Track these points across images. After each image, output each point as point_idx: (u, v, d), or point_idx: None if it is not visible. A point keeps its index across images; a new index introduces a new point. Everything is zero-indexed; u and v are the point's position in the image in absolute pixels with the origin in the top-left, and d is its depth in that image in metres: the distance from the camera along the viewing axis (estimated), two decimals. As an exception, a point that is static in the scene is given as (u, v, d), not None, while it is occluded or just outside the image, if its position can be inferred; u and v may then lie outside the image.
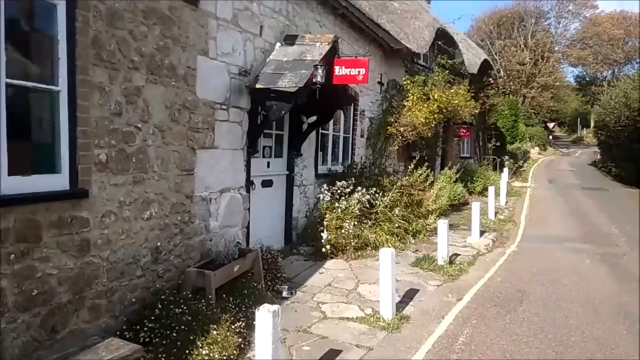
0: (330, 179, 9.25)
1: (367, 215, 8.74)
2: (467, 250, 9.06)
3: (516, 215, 13.43)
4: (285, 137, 8.16)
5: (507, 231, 11.28)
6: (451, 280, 7.23)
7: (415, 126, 11.98)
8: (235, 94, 6.47)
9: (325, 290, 6.52)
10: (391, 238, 8.80)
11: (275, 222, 8.03)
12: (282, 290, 6.26)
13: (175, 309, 4.73)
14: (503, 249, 9.40)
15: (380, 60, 12.16)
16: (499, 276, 7.47)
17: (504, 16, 50.51)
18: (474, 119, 19.95)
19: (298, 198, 8.45)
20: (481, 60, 18.18)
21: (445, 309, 6.01)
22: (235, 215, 6.63)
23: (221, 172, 6.27)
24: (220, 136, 6.21)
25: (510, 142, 24.50)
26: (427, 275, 7.41)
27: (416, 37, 12.63)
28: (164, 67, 5.14)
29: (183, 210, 5.57)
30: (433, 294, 6.63)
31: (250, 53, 6.75)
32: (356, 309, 5.94)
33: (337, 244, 7.95)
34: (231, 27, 6.30)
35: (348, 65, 7.13)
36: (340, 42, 9.37)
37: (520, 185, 21.19)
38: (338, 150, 10.25)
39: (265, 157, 7.71)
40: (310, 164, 8.84)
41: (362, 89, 11.06)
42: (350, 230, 7.90)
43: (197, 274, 5.12)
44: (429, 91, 12.79)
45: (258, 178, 7.44)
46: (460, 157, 19.10)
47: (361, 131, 11.24)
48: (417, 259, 8.03)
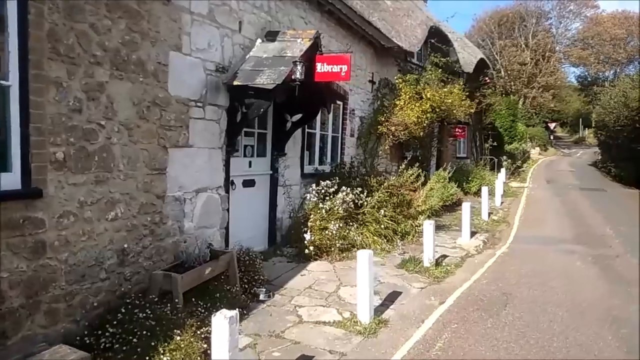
0: (317, 178, 9.06)
1: (353, 216, 8.56)
2: (456, 252, 8.86)
3: (510, 215, 13.23)
4: (268, 136, 7.98)
5: (500, 232, 11.07)
6: (436, 282, 7.04)
7: (407, 125, 11.81)
8: (212, 91, 6.29)
9: (304, 293, 6.33)
10: (378, 239, 8.61)
11: (258, 223, 7.85)
12: (259, 293, 6.07)
13: (140, 313, 4.55)
14: (493, 251, 9.20)
15: (372, 59, 11.97)
16: (485, 278, 7.27)
17: (505, 16, 50.24)
18: (470, 119, 19.73)
19: (282, 198, 8.26)
20: (477, 59, 17.96)
21: (426, 313, 5.81)
22: (213, 215, 6.45)
23: (197, 172, 6.09)
24: (196, 134, 6.04)
25: (509, 142, 24.24)
26: (412, 277, 7.21)
27: (408, 35, 12.44)
28: (130, 63, 4.96)
29: (154, 211, 5.40)
30: (416, 296, 6.43)
31: (228, 49, 6.57)
32: (334, 312, 5.75)
33: (322, 246, 7.76)
34: (207, 22, 6.12)
35: (330, 62, 6.94)
36: (327, 40, 9.24)
37: (517, 185, 20.95)
38: (326, 149, 10.06)
39: (247, 157, 7.53)
40: (295, 164, 8.66)
41: (352, 88, 10.89)
42: (334, 231, 7.70)
43: (164, 277, 4.94)
44: (421, 90, 12.60)
45: (239, 178, 7.26)
46: (457, 157, 18.88)
47: (351, 130, 11.05)
48: (402, 261, 7.83)
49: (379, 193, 8.83)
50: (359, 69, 11.21)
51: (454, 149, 18.67)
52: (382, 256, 8.23)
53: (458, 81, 14.81)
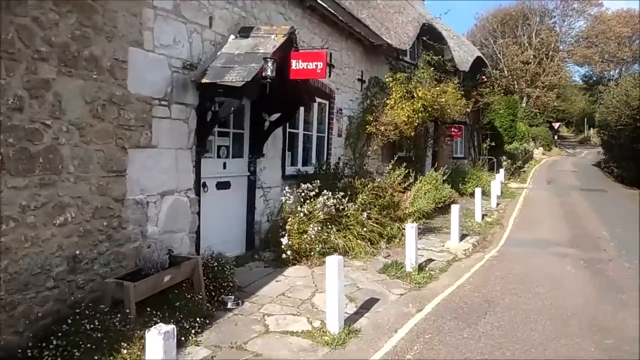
0: (300, 180, 8.78)
1: (336, 219, 8.26)
2: (442, 256, 8.55)
3: (505, 217, 12.89)
4: (245, 136, 7.71)
5: (492, 235, 10.75)
6: (417, 288, 6.74)
7: (397, 125, 11.50)
8: (179, 89, 6.02)
9: (276, 300, 6.05)
10: (362, 243, 8.32)
11: (234, 227, 7.57)
12: (227, 301, 5.79)
13: (88, 324, 4.29)
14: (482, 254, 8.88)
15: (361, 57, 11.67)
16: (469, 284, 6.96)
17: (508, 14, 49.76)
18: (467, 119, 19.40)
19: (261, 201, 7.98)
20: (474, 57, 17.62)
21: (401, 321, 5.52)
22: (181, 219, 6.18)
23: (162, 174, 5.82)
24: (160, 134, 5.76)
25: (508, 142, 23.84)
26: (392, 283, 6.92)
27: (398, 33, 12.14)
28: (82, 59, 4.69)
29: (111, 215, 5.13)
30: (393, 304, 6.14)
31: (197, 45, 6.30)
32: (304, 321, 5.46)
33: (300, 250, 7.47)
34: (172, 17, 5.86)
35: (306, 59, 6.66)
36: (310, 37, 8.97)
37: (517, 186, 20.59)
38: (310, 150, 9.77)
39: (221, 158, 7.26)
40: (276, 165, 8.38)
41: (339, 87, 10.61)
42: (312, 235, 7.41)
43: (116, 285, 4.67)
44: (412, 89, 12.28)
45: (212, 179, 6.99)
46: (453, 157, 18.54)
47: (339, 130, 10.76)
48: (384, 265, 7.54)
49: (363, 195, 8.53)
50: (346, 67, 10.92)
51: (450, 149, 18.33)
52: (365, 260, 7.95)
53: (452, 80, 14.47)
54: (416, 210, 9.81)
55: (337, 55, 10.38)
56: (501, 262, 8.24)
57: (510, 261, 8.30)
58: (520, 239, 10.24)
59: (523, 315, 5.70)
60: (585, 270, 7.70)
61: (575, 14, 50.63)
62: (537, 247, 9.32)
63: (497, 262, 8.29)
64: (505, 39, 47.81)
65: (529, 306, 6.01)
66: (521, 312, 5.78)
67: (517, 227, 11.61)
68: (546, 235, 10.43)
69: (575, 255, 8.68)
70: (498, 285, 6.88)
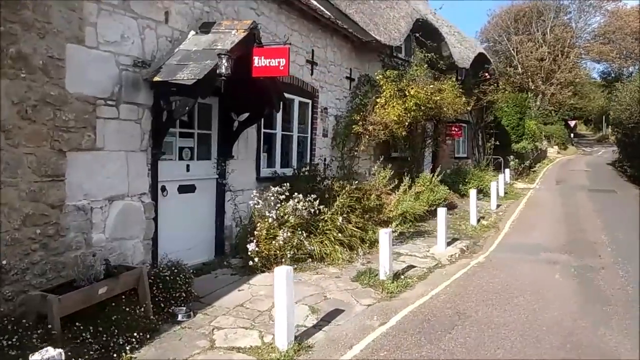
0: (277, 183, 8.42)
1: (312, 224, 7.90)
2: (425, 262, 8.12)
3: (503, 220, 12.36)
4: (213, 137, 7.38)
5: (485, 239, 10.26)
6: (387, 298, 6.33)
7: (387, 125, 11.06)
8: (129, 88, 5.71)
9: (233, 311, 5.70)
10: (339, 248, 7.93)
11: (201, 232, 7.24)
12: (177, 312, 5.45)
13: (7, 340, 3.99)
14: (468, 260, 8.41)
15: (349, 54, 11.27)
16: (445, 294, 6.52)
17: (522, 11, 48.72)
18: (470, 117, 18.86)
19: (232, 204, 7.63)
20: (476, 53, 17.05)
21: (360, 336, 5.12)
22: (133, 226, 5.87)
23: (109, 178, 5.52)
24: (107, 136, 5.47)
25: (516, 141, 23.13)
26: (363, 292, 6.52)
27: (389, 29, 11.69)
28: (7, 57, 4.40)
29: (46, 223, 4.84)
30: (357, 316, 5.74)
31: (151, 42, 5.99)
32: (255, 335, 5.10)
33: (270, 256, 7.11)
34: (120, 12, 5.55)
35: (268, 56, 6.29)
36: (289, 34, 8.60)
37: (523, 186, 19.97)
38: (291, 151, 9.39)
39: (184, 160, 6.94)
40: (248, 167, 8.03)
41: (324, 85, 10.23)
42: (281, 241, 7.04)
43: (41, 298, 4.36)
44: (405, 86, 11.83)
45: (173, 183, 6.67)
46: (455, 157, 17.99)
47: (324, 130, 10.38)
48: (358, 273, 7.14)
49: (340, 198, 8.14)
50: (332, 65, 10.53)
51: (451, 148, 17.78)
52: (341, 267, 7.56)
53: (450, 77, 13.96)
54: (401, 213, 9.35)
55: (321, 52, 10.00)
56: (486, 269, 7.77)
57: (495, 268, 7.83)
58: (513, 243, 9.74)
59: (493, 330, 5.26)
60: (573, 279, 7.20)
61: (592, 9, 49.32)
62: (529, 252, 8.82)
63: (482, 269, 7.83)
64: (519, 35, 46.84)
65: (502, 319, 5.56)
66: (492, 327, 5.34)
67: (513, 230, 11.10)
68: (541, 240, 9.91)
69: (567, 262, 8.17)
70: (475, 295, 6.44)
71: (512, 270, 7.72)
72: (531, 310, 5.87)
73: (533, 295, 6.43)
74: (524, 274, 7.48)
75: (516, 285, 6.93)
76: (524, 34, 47.31)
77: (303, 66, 9.35)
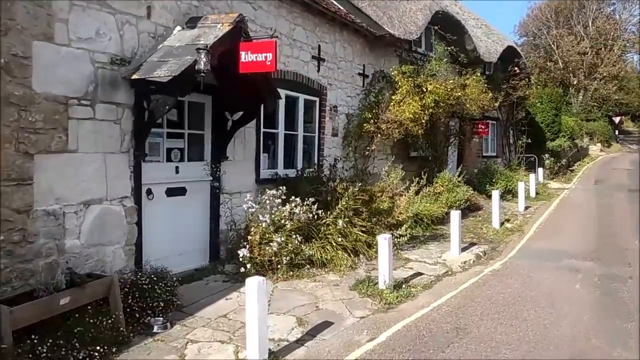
0: (279, 185, 8.07)
1: (313, 228, 7.50)
2: (434, 269, 7.58)
3: (530, 223, 11.61)
4: (207, 137, 7.08)
5: (506, 243, 9.59)
6: (384, 310, 5.86)
7: (401, 123, 10.54)
8: (106, 87, 5.46)
9: (214, 322, 5.37)
10: (342, 254, 7.49)
11: (193, 237, 6.94)
12: (153, 324, 5.15)
13: (-46, 354, 3.77)
14: (483, 267, 7.82)
15: (362, 49, 10.80)
16: (448, 305, 6.00)
17: (562, 3, 46.78)
18: (500, 113, 18.02)
19: (228, 207, 7.30)
20: (504, 47, 16.22)
21: (342, 354, 4.69)
22: (113, 231, 5.62)
23: (85, 181, 5.28)
24: (82, 138, 5.23)
25: (551, 138, 21.99)
26: (359, 303, 6.07)
27: (405, 22, 11.15)
28: (-39, 55, 4.19)
29: (11, 229, 4.62)
30: (347, 329, 5.30)
31: (131, 38, 5.73)
32: (230, 351, 4.75)
33: (264, 262, 6.76)
34: (94, 7, 5.30)
35: (255, 50, 5.93)
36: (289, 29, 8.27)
37: (558, 186, 18.95)
38: (296, 152, 9.00)
39: (174, 161, 6.65)
40: (246, 168, 7.70)
41: (333, 82, 9.82)
42: (275, 247, 6.67)
43: (-7, 310, 4.11)
44: (423, 82, 11.27)
45: (160, 186, 6.39)
46: (482, 156, 17.19)
47: (333, 130, 9.95)
48: (357, 281, 6.69)
49: (342, 201, 7.69)
50: (342, 61, 10.09)
51: (479, 147, 17.00)
52: (342, 274, 7.13)
53: (475, 72, 13.26)
54: (411, 216, 8.82)
55: (329, 47, 9.58)
56: (499, 278, 7.18)
57: (510, 277, 7.22)
58: (536, 249, 9.06)
59: (492, 349, 4.72)
60: (595, 290, 6.53)
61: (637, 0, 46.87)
62: (551, 259, 8.14)
63: (495, 277, 7.23)
64: (559, 29, 44.98)
65: (506, 337, 5.01)
66: (492, 345, 4.80)
67: (538, 234, 10.37)
68: (567, 245, 9.18)
69: (592, 270, 7.48)
70: (481, 308, 5.89)
71: (528, 279, 7.11)
72: (541, 326, 5.29)
73: (546, 309, 5.83)
74: (540, 284, 6.85)
75: (530, 296, 6.33)
76: (565, 27, 45.41)
77: (308, 62, 8.95)
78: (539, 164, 20.34)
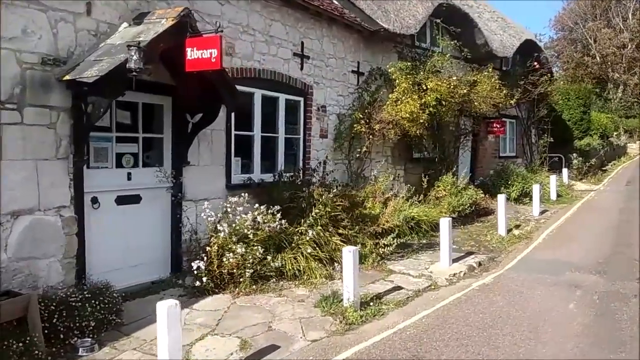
0: (254, 190, 7.61)
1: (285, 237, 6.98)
2: (417, 283, 6.93)
3: (541, 229, 10.73)
4: (166, 141, 6.65)
5: (508, 253, 8.81)
6: (341, 332, 5.27)
7: (397, 123, 9.89)
8: (36, 89, 5.08)
9: (147, 345, 4.89)
10: (316, 265, 6.95)
11: (150, 247, 6.50)
12: (80, 346, 4.72)
13: None
14: (473, 281, 7.11)
15: (356, 45, 10.20)
16: (416, 327, 5.36)
17: (600, -6, 44.63)
18: (519, 111, 17.03)
19: (193, 216, 6.86)
20: (521, 41, 15.24)
21: (273, 387, 4.14)
22: (47, 243, 5.24)
23: (11, 190, 4.92)
24: (7, 144, 4.86)
25: (579, 137, 20.70)
26: (318, 322, 5.51)
27: (402, 15, 10.47)
28: None
29: None
30: (292, 355, 4.75)
31: (67, 37, 5.34)
32: (149, 380, 4.27)
33: (223, 275, 6.28)
34: (21, 3, 4.94)
35: (201, 47, 5.45)
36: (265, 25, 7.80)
37: (585, 188, 17.80)
38: (276, 154, 8.47)
39: (125, 167, 6.24)
40: (214, 173, 7.24)
41: (320, 80, 9.26)
42: (232, 259, 6.17)
43: None
44: (423, 79, 10.58)
45: (109, 193, 5.99)
46: (499, 156, 16.23)
47: (322, 131, 9.38)
48: (322, 297, 6.11)
49: (316, 209, 7.13)
50: (331, 58, 9.52)
51: (495, 147, 16.05)
52: (312, 288, 6.59)
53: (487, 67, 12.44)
54: (398, 224, 8.16)
55: (314, 44, 9.03)
56: (485, 294, 6.47)
57: (499, 292, 6.51)
58: (539, 259, 8.25)
59: (445, 385, 4.09)
60: (590, 311, 5.76)
61: (683, -13, 44.23)
62: (551, 271, 7.35)
63: (481, 293, 6.53)
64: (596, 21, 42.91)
65: (467, 369, 4.36)
66: (446, 380, 4.16)
67: (546, 243, 9.52)
68: (575, 255, 8.34)
69: (594, 285, 6.67)
70: (452, 331, 5.22)
71: (518, 295, 6.37)
72: (514, 355, 4.60)
73: (526, 333, 5.12)
74: (529, 302, 6.12)
75: (514, 316, 5.61)
76: (602, 20, 43.29)
77: (289, 60, 8.42)
78: (566, 164, 19.18)
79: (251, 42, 7.62)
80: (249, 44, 7.61)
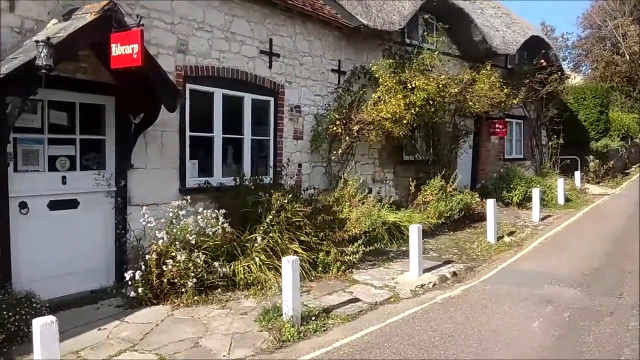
0: (211, 195, 7.26)
1: (238, 244, 6.61)
2: (377, 295, 6.44)
3: (535, 236, 10.04)
4: (108, 143, 6.35)
5: (491, 262, 8.20)
6: (271, 350, 4.84)
7: (377, 123, 9.40)
8: (-50, 89, 4.81)
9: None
10: (270, 274, 6.55)
11: (89, 254, 6.18)
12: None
13: None
14: (440, 293, 6.58)
15: (336, 43, 9.76)
16: (353, 346, 4.88)
17: (630, -11, 42.88)
18: (526, 111, 16.25)
19: (139, 221, 6.51)
20: (526, 37, 14.49)
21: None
22: (-38, 251, 4.96)
23: None
24: None
25: (597, 138, 19.65)
26: (252, 338, 5.10)
27: (386, 11, 9.96)
28: None
29: None
30: (205, 376, 4.35)
31: (-15, 34, 5.06)
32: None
33: (163, 285, 5.92)
34: None
35: (124, 42, 5.12)
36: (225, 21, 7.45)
37: (600, 192, 16.88)
38: (242, 157, 8.08)
39: (60, 171, 5.94)
40: (166, 177, 6.92)
41: (293, 79, 8.86)
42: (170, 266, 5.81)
43: None
44: (409, 78, 10.05)
45: (41, 198, 5.71)
46: (504, 159, 15.46)
47: (296, 132, 8.96)
48: (264, 310, 5.69)
49: (270, 215, 6.72)
50: (306, 56, 9.10)
51: (499, 148, 15.29)
52: (264, 298, 6.19)
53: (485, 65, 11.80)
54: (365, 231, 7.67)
55: (286, 41, 8.64)
56: (446, 308, 5.93)
57: (461, 307, 5.96)
58: (520, 270, 7.65)
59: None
60: (555, 331, 5.16)
61: None
62: (529, 284, 6.75)
63: (442, 307, 5.99)
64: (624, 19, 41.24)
65: (386, 398, 3.87)
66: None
67: (535, 251, 8.86)
68: (561, 266, 7.69)
69: (569, 301, 6.05)
70: (390, 351, 4.72)
71: (480, 311, 5.82)
72: (445, 383, 4.09)
73: (472, 355, 4.59)
74: (491, 318, 5.56)
75: (465, 336, 5.08)
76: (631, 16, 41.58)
77: (255, 58, 8.04)
78: (582, 166, 18.24)
79: (208, 39, 7.27)
80: (206, 41, 7.25)
